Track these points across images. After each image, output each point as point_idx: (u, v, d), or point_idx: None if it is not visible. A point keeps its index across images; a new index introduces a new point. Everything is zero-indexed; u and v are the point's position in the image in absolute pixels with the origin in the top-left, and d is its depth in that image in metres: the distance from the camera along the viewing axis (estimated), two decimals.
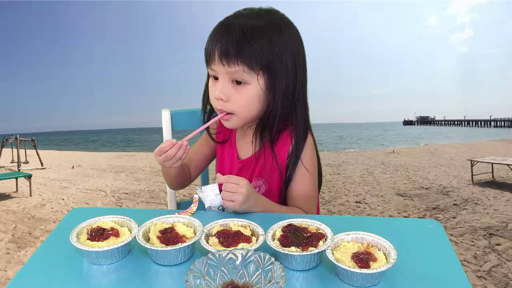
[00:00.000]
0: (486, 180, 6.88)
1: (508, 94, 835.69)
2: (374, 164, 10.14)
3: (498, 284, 2.89)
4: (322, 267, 0.73)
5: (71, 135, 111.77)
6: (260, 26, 0.99)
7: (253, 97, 1.02)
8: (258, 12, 1.04)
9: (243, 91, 1.01)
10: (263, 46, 0.98)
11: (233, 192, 0.93)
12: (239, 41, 0.97)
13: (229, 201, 0.94)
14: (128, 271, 0.73)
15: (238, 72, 0.99)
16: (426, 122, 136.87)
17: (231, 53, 0.97)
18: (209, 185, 0.98)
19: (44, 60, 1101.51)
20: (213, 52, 1.00)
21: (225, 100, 1.02)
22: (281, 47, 1.00)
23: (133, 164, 11.19)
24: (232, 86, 1.01)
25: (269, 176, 1.10)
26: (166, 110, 1.39)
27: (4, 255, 3.82)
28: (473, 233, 3.99)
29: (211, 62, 1.02)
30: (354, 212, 5.11)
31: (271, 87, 1.02)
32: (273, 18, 1.04)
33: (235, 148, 1.19)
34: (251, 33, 0.98)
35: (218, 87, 1.02)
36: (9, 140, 10.91)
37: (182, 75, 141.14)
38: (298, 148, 1.09)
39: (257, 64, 0.98)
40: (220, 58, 0.99)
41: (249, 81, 1.00)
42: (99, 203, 6.08)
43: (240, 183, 0.94)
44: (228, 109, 1.03)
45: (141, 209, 0.97)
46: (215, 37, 1.01)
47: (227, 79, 1.01)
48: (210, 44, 1.01)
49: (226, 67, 0.99)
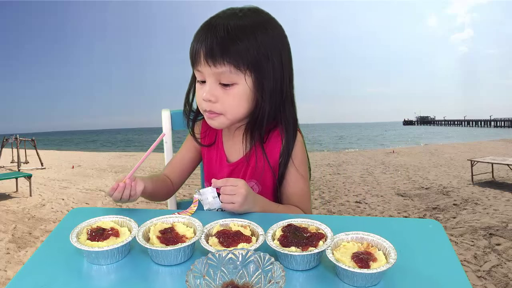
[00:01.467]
0: (486, 180, 6.88)
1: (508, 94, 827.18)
2: (374, 164, 10.15)
3: (498, 284, 2.89)
4: (322, 267, 0.73)
5: (71, 135, 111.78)
6: (244, 25, 0.98)
7: (241, 96, 1.01)
8: (242, 11, 1.02)
9: (231, 91, 1.00)
10: (248, 44, 0.97)
11: (232, 194, 0.93)
12: (224, 41, 0.96)
13: (229, 203, 0.93)
14: (128, 271, 0.73)
15: (225, 73, 0.97)
16: (426, 122, 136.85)
17: (216, 53, 0.96)
18: (207, 188, 0.98)
19: (44, 60, 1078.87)
20: (198, 53, 0.98)
21: (214, 101, 1.01)
22: (267, 46, 1.00)
23: (133, 164, 11.13)
24: (220, 87, 1.00)
25: (261, 176, 1.11)
26: (166, 110, 1.39)
27: (4, 255, 3.82)
28: (473, 233, 3.99)
29: (197, 64, 1.00)
30: (354, 212, 5.11)
31: (259, 86, 1.01)
32: (258, 17, 1.03)
33: (223, 151, 1.17)
34: (236, 32, 0.97)
35: (205, 89, 1.01)
36: (9, 140, 10.91)
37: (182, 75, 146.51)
38: (289, 147, 1.09)
39: (243, 63, 0.97)
40: (205, 59, 0.97)
41: (236, 81, 0.99)
42: (99, 203, 6.08)
43: (238, 184, 0.94)
44: (217, 110, 1.02)
45: (141, 209, 0.97)
46: (200, 38, 0.99)
47: (214, 80, 1.00)
48: (195, 45, 1.00)
49: (213, 68, 0.97)
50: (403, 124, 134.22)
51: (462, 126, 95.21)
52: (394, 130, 63.79)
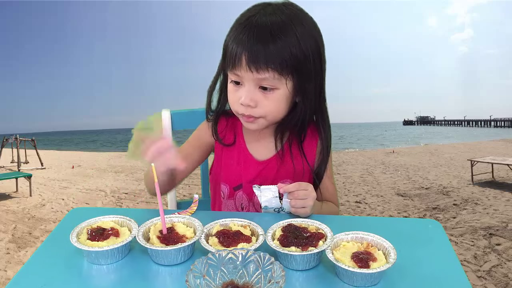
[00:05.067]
0: (486, 180, 6.88)
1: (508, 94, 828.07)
2: (374, 164, 10.14)
3: (498, 284, 2.89)
4: (322, 267, 0.73)
5: (71, 135, 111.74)
6: (284, 24, 0.93)
7: (281, 100, 0.98)
8: (277, 7, 0.97)
9: (271, 96, 0.97)
10: (291, 46, 0.93)
11: (304, 199, 0.91)
12: (269, 46, 0.91)
13: (301, 208, 0.92)
14: (128, 271, 0.73)
15: (267, 79, 0.94)
16: (426, 122, 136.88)
17: (260, 60, 0.91)
18: (270, 186, 0.94)
19: (44, 60, 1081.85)
20: (240, 57, 0.93)
21: (253, 106, 0.97)
22: (309, 45, 0.96)
23: (133, 164, 11.18)
24: (259, 91, 0.96)
25: (302, 175, 1.09)
26: (166, 110, 1.38)
27: (4, 255, 3.82)
28: (473, 233, 3.99)
29: (236, 68, 0.95)
30: (354, 212, 5.11)
31: (300, 89, 0.99)
32: (292, 10, 0.97)
33: (247, 150, 1.13)
34: (279, 33, 0.92)
35: (243, 93, 0.97)
36: (9, 140, 10.91)
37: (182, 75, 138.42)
38: (328, 145, 1.09)
39: (287, 68, 0.94)
40: (248, 65, 0.92)
41: (278, 86, 0.96)
42: (99, 203, 6.08)
43: (309, 189, 0.93)
44: (256, 114, 0.99)
45: (141, 209, 0.97)
46: (241, 40, 0.93)
47: (253, 84, 0.96)
48: (235, 47, 0.94)
49: (255, 74, 0.93)
50: (403, 124, 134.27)
51: (462, 126, 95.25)
52: (394, 130, 63.80)
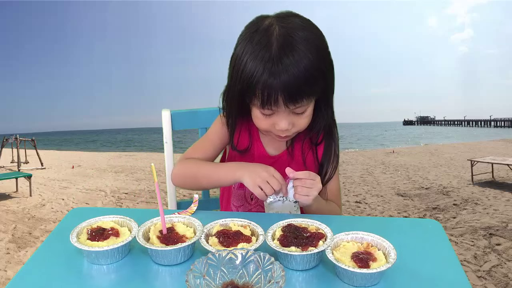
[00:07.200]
0: (486, 180, 6.88)
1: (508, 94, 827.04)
2: (374, 164, 10.14)
3: (498, 284, 2.89)
4: (322, 267, 0.73)
5: (71, 135, 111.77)
6: (312, 65, 0.90)
7: (311, 114, 1.02)
8: (297, 25, 0.93)
9: (304, 115, 1.00)
10: (320, 79, 0.94)
11: (310, 187, 0.94)
12: (303, 81, 0.90)
13: (304, 195, 0.94)
14: (128, 271, 0.73)
15: (302, 107, 0.96)
16: (426, 122, 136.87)
17: (297, 97, 0.92)
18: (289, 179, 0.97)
19: (44, 60, 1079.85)
20: (277, 99, 0.91)
21: (290, 128, 1.00)
22: (325, 60, 0.96)
23: (133, 164, 11.19)
24: (293, 115, 0.98)
25: (316, 171, 1.11)
26: (166, 110, 1.39)
27: (4, 255, 3.82)
28: (473, 233, 3.99)
29: (269, 103, 0.92)
30: (354, 212, 5.11)
31: (323, 99, 1.03)
32: (313, 31, 0.96)
33: (261, 145, 1.15)
34: (311, 74, 0.90)
35: (278, 120, 0.97)
36: (9, 140, 10.91)
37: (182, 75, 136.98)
38: (336, 146, 1.13)
39: (317, 93, 0.97)
40: (286, 104, 0.92)
41: (308, 105, 0.98)
42: (99, 203, 6.09)
43: (316, 179, 0.96)
44: (293, 133, 1.03)
45: (141, 209, 0.97)
46: (273, 83, 0.89)
47: (288, 111, 0.96)
48: (269, 89, 0.90)
49: (291, 107, 0.94)
50: (403, 124, 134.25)
51: (462, 126, 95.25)
52: (394, 130, 63.80)
